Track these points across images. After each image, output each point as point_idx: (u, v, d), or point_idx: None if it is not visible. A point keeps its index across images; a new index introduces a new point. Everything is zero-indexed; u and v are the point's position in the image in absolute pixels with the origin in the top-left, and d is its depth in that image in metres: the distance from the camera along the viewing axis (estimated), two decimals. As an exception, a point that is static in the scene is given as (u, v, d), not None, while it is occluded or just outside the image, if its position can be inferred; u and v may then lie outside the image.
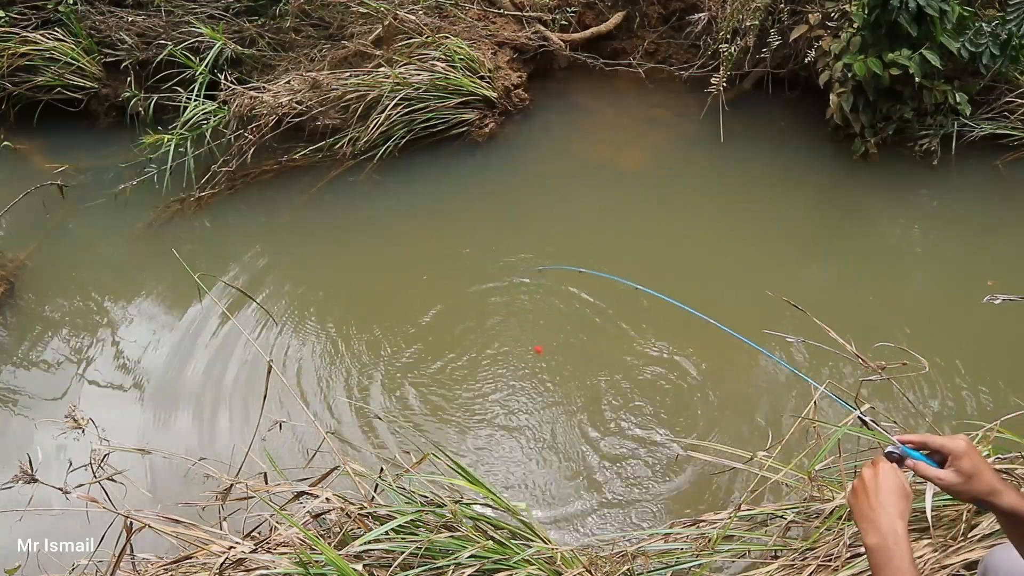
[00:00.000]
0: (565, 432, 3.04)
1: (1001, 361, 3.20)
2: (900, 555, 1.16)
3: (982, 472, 1.24)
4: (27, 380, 3.48)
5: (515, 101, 4.90)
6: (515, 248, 3.99)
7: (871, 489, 1.25)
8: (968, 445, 1.25)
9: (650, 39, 5.31)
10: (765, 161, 4.57)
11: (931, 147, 4.23)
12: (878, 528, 1.20)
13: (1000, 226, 4.02)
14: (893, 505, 1.22)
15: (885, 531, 1.19)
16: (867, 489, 1.25)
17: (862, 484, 1.27)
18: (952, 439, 1.27)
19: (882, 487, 1.24)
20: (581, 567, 1.95)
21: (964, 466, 1.24)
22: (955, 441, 1.26)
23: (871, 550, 1.20)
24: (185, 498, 2.70)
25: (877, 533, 1.20)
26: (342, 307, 3.81)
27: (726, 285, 3.72)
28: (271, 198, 4.48)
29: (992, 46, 3.88)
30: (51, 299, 3.94)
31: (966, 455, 1.24)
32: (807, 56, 4.52)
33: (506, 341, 3.46)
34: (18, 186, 4.42)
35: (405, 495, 2.09)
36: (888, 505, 1.22)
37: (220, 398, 3.27)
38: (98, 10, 5.16)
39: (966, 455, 1.24)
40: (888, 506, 1.22)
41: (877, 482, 1.25)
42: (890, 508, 1.22)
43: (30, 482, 1.94)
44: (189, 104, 4.58)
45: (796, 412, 2.79)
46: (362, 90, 4.53)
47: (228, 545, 1.95)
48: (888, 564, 1.16)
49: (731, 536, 2.11)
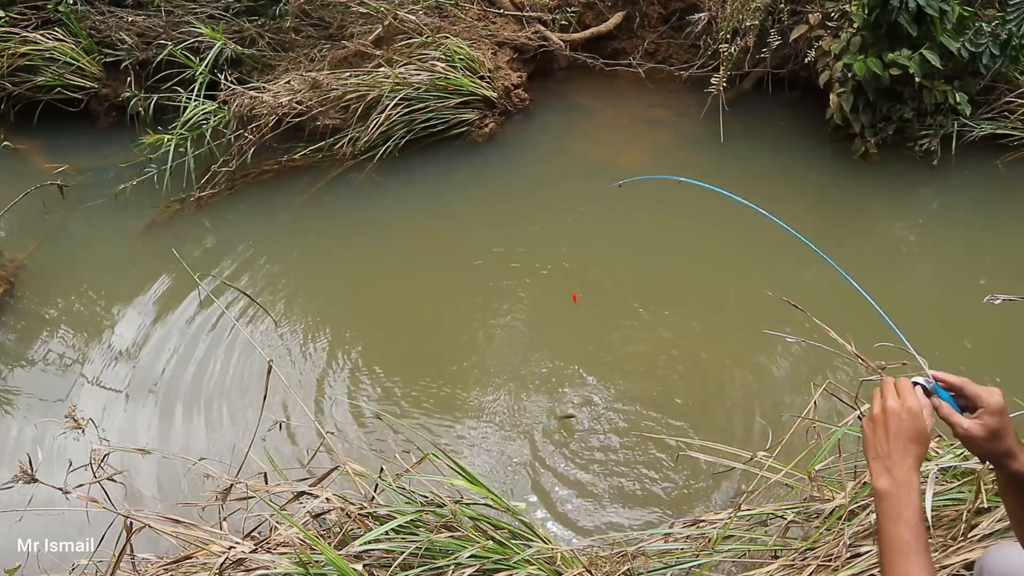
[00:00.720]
0: (565, 433, 3.04)
1: (1001, 361, 3.20)
2: (912, 509, 1.10)
3: (1007, 432, 1.17)
4: (27, 380, 3.48)
5: (515, 101, 4.90)
6: (515, 248, 3.99)
7: (893, 428, 1.16)
8: (1003, 402, 1.18)
9: (650, 39, 5.31)
10: (765, 161, 4.57)
11: (931, 147, 4.23)
12: (892, 474, 1.13)
13: (1000, 226, 4.02)
14: (913, 453, 1.14)
15: (900, 480, 1.12)
16: (889, 426, 1.16)
17: (884, 418, 1.17)
18: (989, 392, 1.18)
19: (905, 429, 1.15)
20: (581, 567, 1.95)
21: (993, 422, 1.16)
22: (992, 395, 1.17)
23: (881, 495, 1.13)
24: (185, 498, 2.71)
25: (890, 479, 1.13)
26: (342, 306, 3.81)
27: (726, 285, 3.72)
28: (271, 198, 4.48)
29: (992, 46, 3.89)
30: (51, 299, 3.94)
31: (999, 412, 1.16)
32: (807, 56, 4.53)
33: (507, 341, 3.46)
34: (18, 186, 4.41)
35: (405, 495, 2.09)
36: (907, 453, 1.14)
37: (220, 398, 3.26)
38: (98, 10, 5.16)
39: (999, 412, 1.16)
40: (907, 454, 1.14)
41: (901, 421, 1.16)
42: (910, 456, 1.14)
43: (30, 482, 1.94)
44: (189, 104, 4.58)
45: (796, 412, 2.79)
46: (362, 90, 4.53)
47: (228, 545, 1.95)
48: (898, 516, 1.10)
49: (731, 536, 2.10)
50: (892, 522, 1.11)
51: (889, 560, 1.10)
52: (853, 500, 1.97)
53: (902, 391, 1.19)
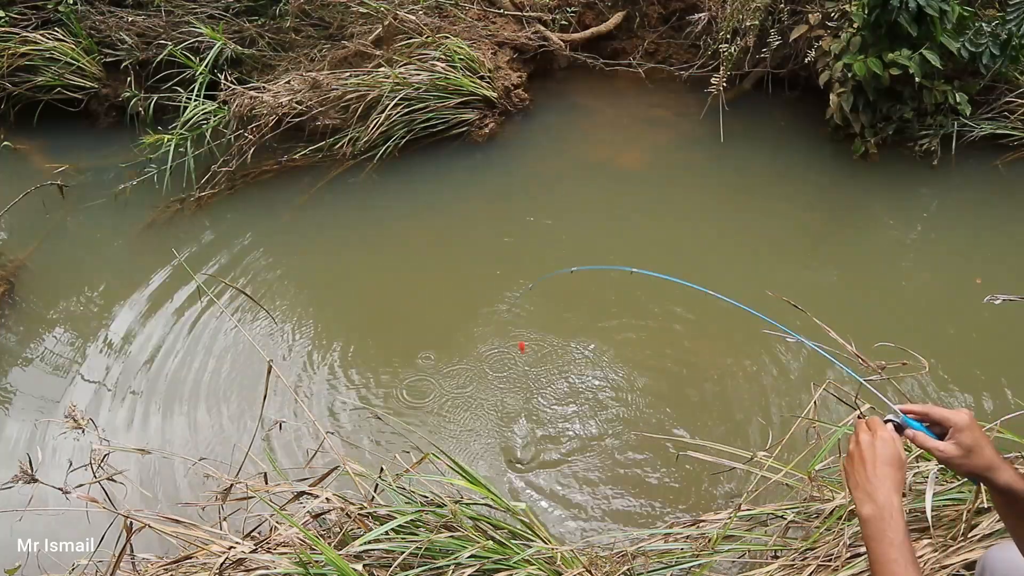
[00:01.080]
0: (564, 434, 3.04)
1: (1001, 361, 3.20)
2: (895, 528, 1.17)
3: (982, 447, 1.23)
4: (27, 380, 3.48)
5: (515, 101, 4.90)
6: (515, 248, 3.99)
7: (868, 458, 1.23)
8: (970, 418, 1.24)
9: (650, 39, 5.31)
10: (765, 161, 4.57)
11: (931, 147, 4.23)
12: (874, 500, 1.20)
13: (1000, 226, 4.02)
14: (890, 477, 1.21)
15: (882, 504, 1.19)
16: (864, 458, 1.24)
17: (859, 452, 1.25)
18: (955, 412, 1.25)
19: (880, 457, 1.23)
20: (581, 567, 1.95)
21: (965, 439, 1.22)
22: (958, 414, 1.24)
23: (866, 520, 1.20)
24: (185, 498, 2.71)
25: (873, 504, 1.19)
26: (342, 306, 3.81)
27: (726, 285, 3.66)
28: (271, 198, 4.48)
29: (992, 46, 3.88)
30: (51, 299, 3.94)
31: (968, 428, 1.23)
32: (807, 56, 4.53)
33: (507, 341, 3.46)
34: (18, 186, 4.42)
35: (405, 495, 2.09)
36: (886, 477, 1.21)
37: (220, 398, 3.26)
38: (98, 10, 5.16)
39: (968, 428, 1.23)
40: (886, 478, 1.21)
41: (875, 451, 1.23)
42: (887, 480, 1.21)
43: (30, 482, 1.94)
44: (189, 104, 4.58)
45: (796, 412, 2.79)
46: (362, 90, 4.53)
47: (228, 545, 1.95)
48: (883, 536, 1.17)
49: (731, 536, 2.10)
50: (879, 543, 1.17)
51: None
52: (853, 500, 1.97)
53: (873, 426, 1.28)
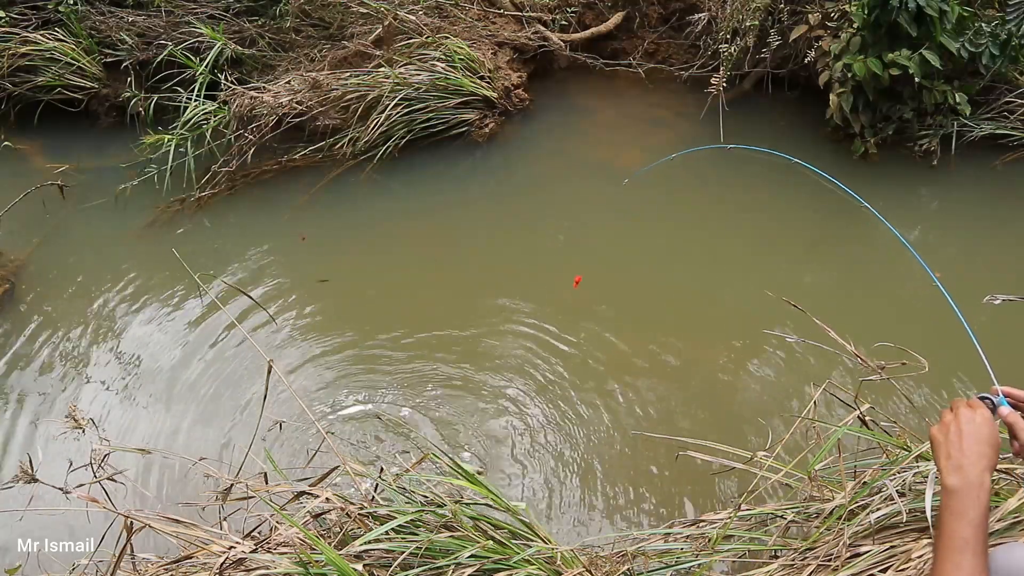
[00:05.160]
0: (562, 433, 3.04)
1: (1001, 361, 3.19)
2: (978, 508, 1.13)
3: None
4: (27, 380, 3.48)
5: (515, 101, 4.90)
6: (515, 248, 3.99)
7: (966, 432, 1.20)
8: None
9: (650, 39, 5.32)
10: (765, 161, 4.57)
11: (931, 147, 4.23)
12: (964, 473, 1.16)
13: (1000, 226, 4.02)
14: (987, 456, 1.18)
15: (972, 479, 1.15)
16: (961, 430, 1.21)
17: (956, 424, 1.22)
18: None
19: (978, 434, 1.20)
20: (581, 567, 1.95)
21: None
22: None
23: (951, 491, 1.16)
24: (185, 498, 2.71)
25: (961, 477, 1.16)
26: (342, 306, 3.81)
27: (726, 285, 3.72)
28: (271, 198, 4.48)
29: (992, 46, 3.89)
30: (51, 299, 3.94)
31: None
32: (807, 56, 4.53)
33: (508, 341, 3.46)
34: (18, 186, 4.41)
35: (405, 495, 2.09)
36: (982, 456, 1.18)
37: (220, 398, 3.27)
38: (98, 10, 5.16)
39: None
40: (982, 456, 1.18)
41: (975, 427, 1.20)
42: (984, 459, 1.18)
43: (30, 482, 1.94)
44: (189, 104, 4.58)
45: (796, 412, 2.80)
46: (362, 90, 4.54)
47: (228, 545, 1.95)
48: (964, 513, 1.13)
49: (731, 536, 2.10)
50: (956, 518, 1.14)
51: (945, 555, 1.13)
52: (853, 500, 1.97)
53: (973, 403, 1.26)
